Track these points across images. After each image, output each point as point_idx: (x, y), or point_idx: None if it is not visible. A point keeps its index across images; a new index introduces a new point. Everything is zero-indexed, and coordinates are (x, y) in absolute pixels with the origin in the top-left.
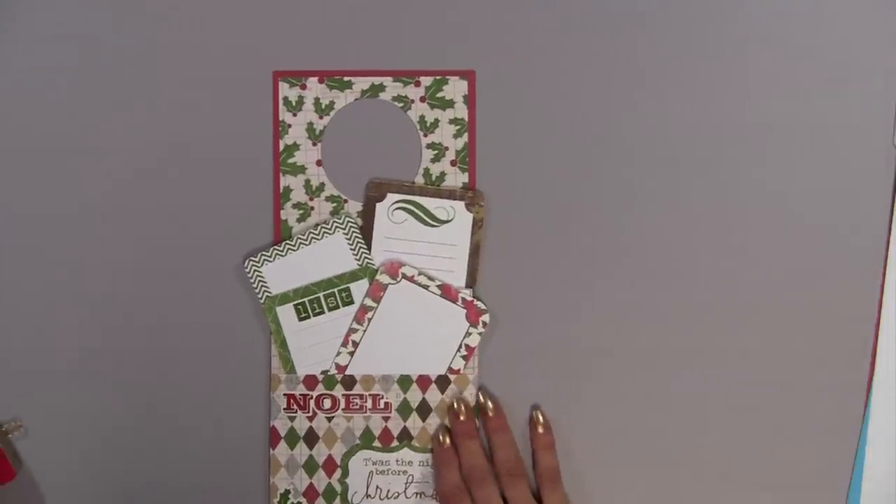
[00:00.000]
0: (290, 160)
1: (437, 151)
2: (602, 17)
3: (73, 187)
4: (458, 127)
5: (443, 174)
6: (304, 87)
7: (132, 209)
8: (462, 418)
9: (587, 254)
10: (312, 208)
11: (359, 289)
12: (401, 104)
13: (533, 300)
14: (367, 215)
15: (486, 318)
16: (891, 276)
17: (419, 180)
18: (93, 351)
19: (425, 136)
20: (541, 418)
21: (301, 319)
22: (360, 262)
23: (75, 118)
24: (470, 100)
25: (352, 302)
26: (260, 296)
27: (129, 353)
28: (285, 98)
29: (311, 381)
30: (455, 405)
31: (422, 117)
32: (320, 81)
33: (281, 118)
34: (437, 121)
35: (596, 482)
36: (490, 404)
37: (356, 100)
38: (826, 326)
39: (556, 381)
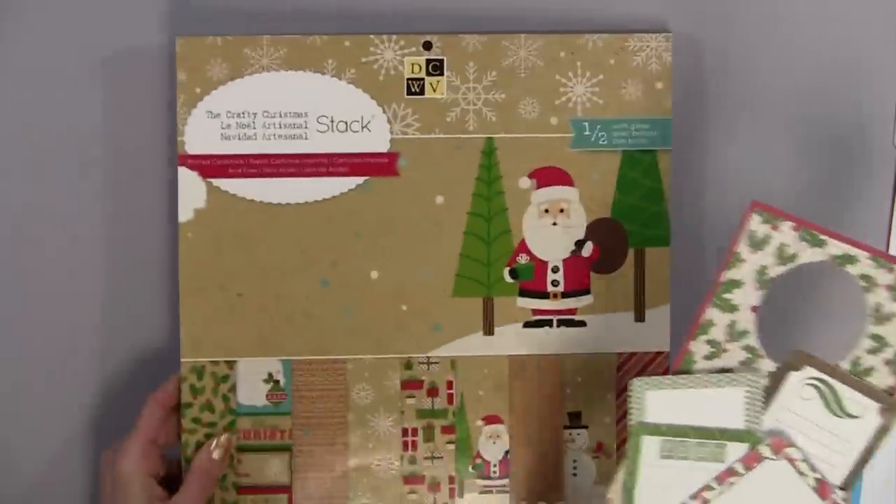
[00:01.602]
0: (727, 295)
1: (878, 345)
2: None
3: None
4: None
5: (871, 369)
6: (775, 227)
7: None
8: None
9: None
10: (725, 351)
11: (734, 450)
12: (865, 283)
13: None
14: (777, 380)
15: None
16: None
17: (845, 365)
18: None
19: (873, 325)
20: None
21: (663, 457)
22: (748, 425)
23: None
24: None
25: (722, 460)
26: (632, 418)
27: None
28: (752, 231)
29: None
30: None
31: (878, 305)
32: (795, 229)
33: (738, 249)
34: (894, 315)
35: None
36: None
37: (821, 261)
38: None
39: None
